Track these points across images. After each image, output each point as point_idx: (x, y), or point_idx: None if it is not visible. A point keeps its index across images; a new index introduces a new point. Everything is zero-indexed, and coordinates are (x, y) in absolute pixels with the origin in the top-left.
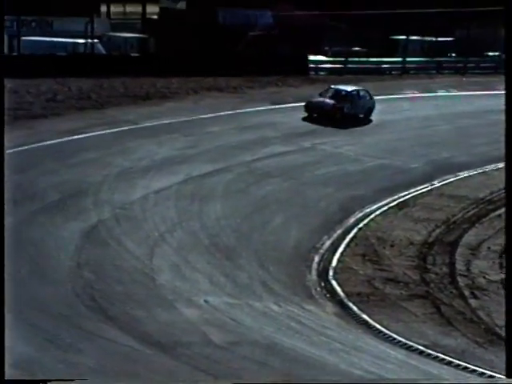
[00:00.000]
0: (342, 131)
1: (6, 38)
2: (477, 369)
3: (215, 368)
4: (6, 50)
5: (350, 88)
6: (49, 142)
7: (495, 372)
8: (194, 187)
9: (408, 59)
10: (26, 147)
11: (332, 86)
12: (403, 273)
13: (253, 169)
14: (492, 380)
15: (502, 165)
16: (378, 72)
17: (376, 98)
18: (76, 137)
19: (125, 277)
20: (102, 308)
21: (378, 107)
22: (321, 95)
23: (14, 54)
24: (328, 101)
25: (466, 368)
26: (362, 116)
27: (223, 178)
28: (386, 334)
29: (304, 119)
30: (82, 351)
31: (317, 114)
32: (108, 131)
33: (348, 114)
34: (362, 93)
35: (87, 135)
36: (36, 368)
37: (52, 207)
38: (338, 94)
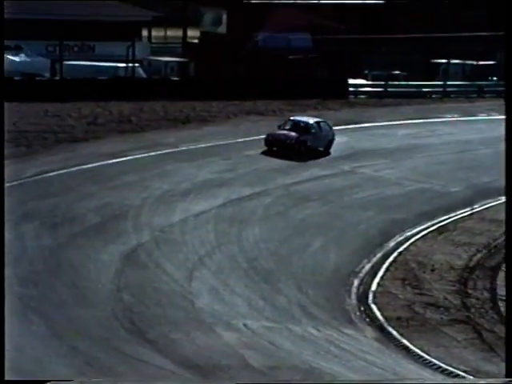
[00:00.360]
0: (382, 154)
1: (48, 62)
2: None
3: None
4: (48, 75)
5: (310, 120)
6: (89, 165)
7: None
8: (233, 210)
9: (449, 83)
10: (67, 170)
11: (291, 118)
12: (444, 297)
13: (292, 192)
14: (492, 380)
15: None
16: (418, 95)
17: (416, 121)
18: (116, 160)
19: (164, 300)
20: (141, 331)
21: (419, 130)
22: (280, 128)
23: (57, 78)
24: (291, 134)
25: None
26: (321, 149)
27: (262, 202)
28: (427, 359)
29: (263, 153)
30: (121, 374)
31: (277, 148)
32: (148, 154)
33: (310, 148)
34: (322, 124)
35: (127, 158)
36: None
37: (91, 230)
38: (298, 127)
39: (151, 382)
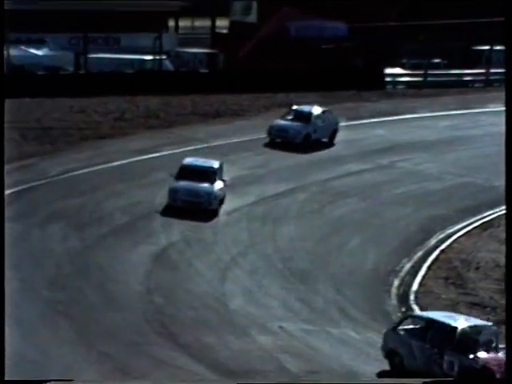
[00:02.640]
0: (422, 148)
1: (72, 55)
2: None
3: None
4: (72, 68)
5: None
6: (116, 163)
7: None
8: (267, 208)
9: (492, 71)
10: (93, 168)
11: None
12: (489, 297)
13: (327, 188)
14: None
15: None
16: (459, 84)
17: (458, 112)
18: (144, 157)
19: (196, 302)
20: (172, 335)
21: (460, 121)
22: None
23: (81, 72)
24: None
25: None
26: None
27: (296, 199)
28: None
29: (266, 145)
30: (153, 380)
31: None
32: (177, 151)
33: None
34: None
35: (156, 155)
36: None
37: (120, 230)
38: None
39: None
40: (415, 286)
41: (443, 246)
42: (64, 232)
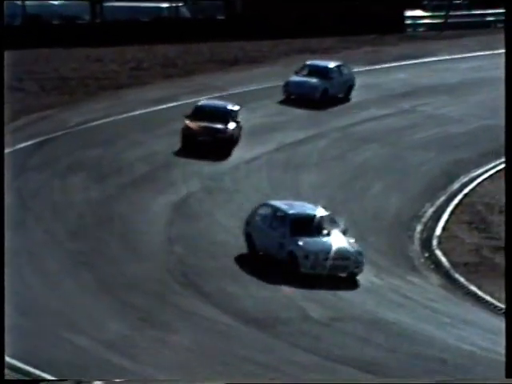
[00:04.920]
0: (444, 91)
1: (88, 4)
2: None
3: (315, 345)
4: (88, 17)
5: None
6: (135, 113)
7: None
8: (287, 155)
9: None
10: (112, 118)
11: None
12: None
13: (348, 134)
14: (492, 380)
15: None
16: (482, 25)
17: (480, 53)
18: (163, 106)
19: (218, 251)
20: (195, 284)
21: (483, 63)
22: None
23: (97, 20)
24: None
25: None
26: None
27: (317, 145)
28: (498, 306)
29: (281, 102)
30: (177, 330)
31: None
32: (196, 99)
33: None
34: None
35: (175, 104)
36: (132, 348)
37: (140, 181)
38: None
39: (149, 383)
40: (438, 231)
41: (466, 190)
42: (85, 183)
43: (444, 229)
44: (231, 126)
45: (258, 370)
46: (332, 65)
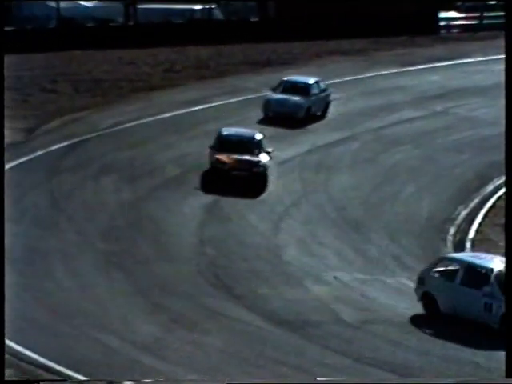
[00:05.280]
0: (477, 93)
1: (122, 6)
2: None
3: (347, 348)
4: (122, 19)
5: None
6: (167, 115)
7: None
8: (320, 157)
9: None
10: (145, 120)
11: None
12: None
13: (381, 136)
14: (492, 380)
15: None
16: None
17: None
18: (195, 108)
19: (249, 253)
20: (226, 286)
21: None
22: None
23: (130, 23)
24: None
25: None
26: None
27: (349, 147)
28: None
29: (259, 122)
30: (209, 331)
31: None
32: (228, 101)
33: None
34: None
35: (207, 106)
36: (164, 350)
37: (172, 182)
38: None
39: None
40: (472, 234)
41: (500, 193)
42: (116, 184)
43: (477, 231)
44: (265, 157)
45: (289, 371)
46: (312, 81)
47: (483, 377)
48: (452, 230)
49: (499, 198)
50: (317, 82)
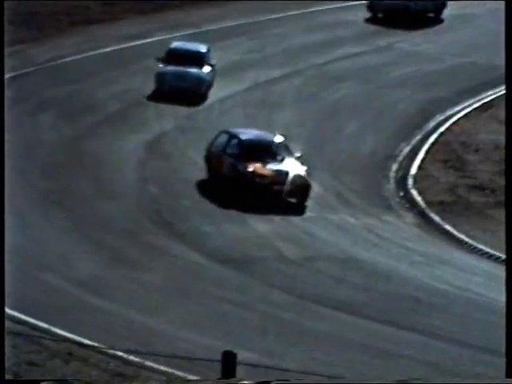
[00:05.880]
0: (421, 28)
1: None
2: None
3: (290, 285)
4: None
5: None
6: (107, 49)
7: None
8: (262, 94)
9: None
10: (84, 55)
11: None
12: (489, 179)
13: (324, 72)
14: (492, 380)
15: None
16: None
17: None
18: (136, 43)
19: (191, 190)
20: (168, 223)
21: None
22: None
23: None
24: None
25: None
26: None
27: (292, 84)
28: (472, 244)
29: (261, 29)
30: (150, 269)
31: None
32: (170, 36)
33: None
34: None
35: (148, 40)
36: (105, 288)
37: (113, 119)
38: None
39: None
40: (414, 170)
41: (442, 129)
42: (55, 120)
43: (419, 168)
44: (299, 167)
45: (232, 309)
46: (204, 48)
47: (482, 377)
48: (394, 167)
49: (441, 134)
50: (209, 50)
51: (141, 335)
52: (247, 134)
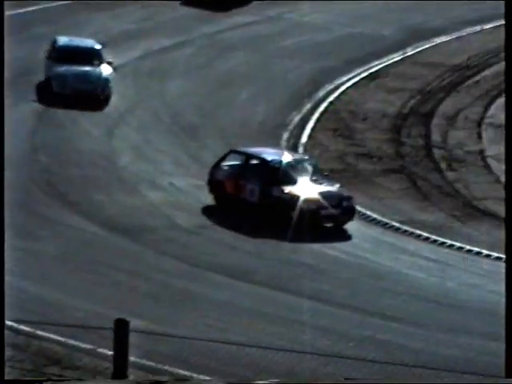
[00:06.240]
0: None
1: None
2: (454, 243)
3: (183, 253)
4: None
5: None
6: None
7: (473, 246)
8: (153, 63)
9: None
10: None
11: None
12: (377, 147)
13: (215, 41)
14: (492, 380)
15: (479, 27)
16: None
17: None
18: (22, 10)
19: (83, 160)
20: (60, 193)
21: None
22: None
23: None
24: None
25: (443, 243)
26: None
27: (184, 53)
28: (360, 211)
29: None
30: (42, 239)
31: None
32: (58, 3)
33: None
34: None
35: (34, 8)
36: None
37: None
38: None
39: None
40: (304, 139)
41: (331, 98)
42: None
43: (309, 137)
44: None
45: (125, 277)
46: (98, 45)
47: (482, 377)
48: (285, 135)
49: (331, 103)
50: (103, 46)
51: (32, 305)
52: (269, 153)
